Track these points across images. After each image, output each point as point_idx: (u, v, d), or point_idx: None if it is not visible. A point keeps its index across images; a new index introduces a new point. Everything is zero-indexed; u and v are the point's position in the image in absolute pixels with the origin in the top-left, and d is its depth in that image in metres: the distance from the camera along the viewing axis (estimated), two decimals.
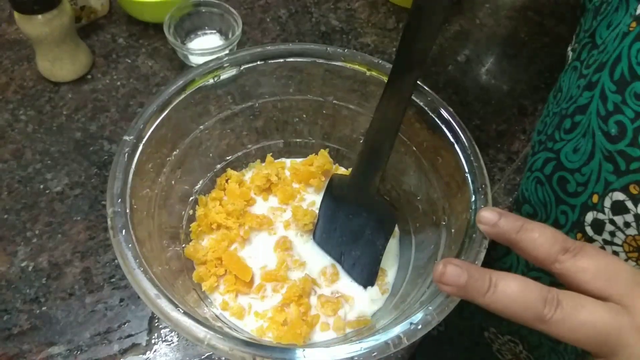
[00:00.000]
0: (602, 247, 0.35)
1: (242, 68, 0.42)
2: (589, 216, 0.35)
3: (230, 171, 0.48)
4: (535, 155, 0.42)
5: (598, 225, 0.34)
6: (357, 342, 0.30)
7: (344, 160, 0.51)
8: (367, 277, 0.43)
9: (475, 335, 0.56)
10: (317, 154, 0.50)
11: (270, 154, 0.50)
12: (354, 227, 0.43)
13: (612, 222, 0.33)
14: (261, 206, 0.47)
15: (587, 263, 0.29)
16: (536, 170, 0.41)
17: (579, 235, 0.36)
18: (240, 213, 0.45)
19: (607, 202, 0.33)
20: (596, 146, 0.34)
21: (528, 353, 0.49)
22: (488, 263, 0.47)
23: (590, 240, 0.35)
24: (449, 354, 0.63)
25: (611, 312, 0.28)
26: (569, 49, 0.45)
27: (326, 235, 0.45)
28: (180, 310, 0.30)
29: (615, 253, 0.34)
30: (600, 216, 0.34)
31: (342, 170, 0.50)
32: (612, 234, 0.34)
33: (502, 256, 0.46)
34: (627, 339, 0.27)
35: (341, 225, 0.44)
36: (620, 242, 0.34)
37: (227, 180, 0.48)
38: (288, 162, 0.50)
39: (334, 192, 0.44)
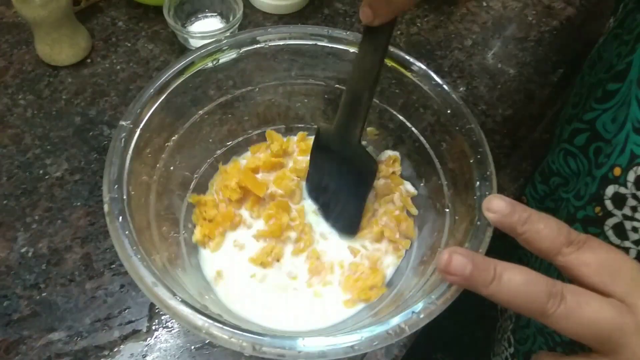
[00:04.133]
0: (621, 222, 0.34)
1: (241, 51, 0.42)
2: (610, 189, 0.34)
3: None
4: (563, 127, 0.41)
5: (619, 200, 0.34)
6: (358, 331, 0.29)
7: None
8: (349, 226, 0.44)
9: (485, 308, 0.55)
10: None
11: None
12: (339, 176, 0.43)
13: (634, 196, 0.32)
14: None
15: (591, 257, 0.29)
16: (563, 142, 0.40)
17: (598, 208, 0.35)
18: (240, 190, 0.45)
19: (631, 176, 0.32)
20: (628, 116, 0.33)
21: (511, 334, 0.49)
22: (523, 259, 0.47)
23: (609, 214, 0.35)
24: (451, 328, 0.63)
25: (615, 310, 0.27)
26: (611, 19, 0.44)
27: (314, 184, 0.45)
28: (178, 298, 0.29)
29: (635, 229, 0.33)
30: (622, 190, 0.33)
31: None
32: (634, 209, 0.33)
33: None
34: (629, 338, 0.27)
35: (328, 174, 0.44)
36: None
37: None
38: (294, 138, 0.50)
39: (321, 142, 0.44)
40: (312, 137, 0.45)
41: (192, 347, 0.42)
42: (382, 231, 0.44)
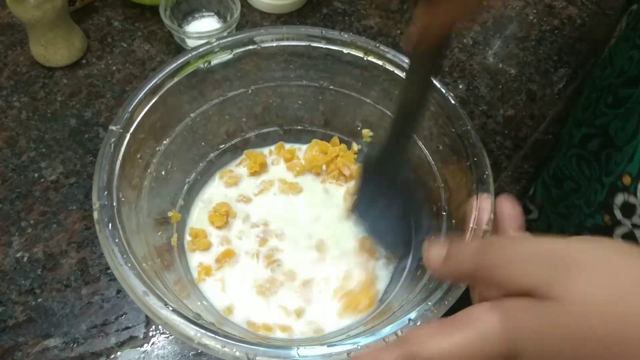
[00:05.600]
0: (630, 232, 0.33)
1: (237, 52, 0.41)
2: (619, 198, 0.33)
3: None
4: (572, 131, 0.40)
5: (628, 209, 0.33)
6: (354, 339, 0.29)
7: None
8: (399, 246, 0.42)
9: None
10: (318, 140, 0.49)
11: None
12: (385, 200, 0.42)
13: None
14: None
15: (496, 256, 0.24)
16: (573, 147, 0.40)
17: (607, 217, 0.34)
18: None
19: None
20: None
21: None
22: None
23: (618, 223, 0.34)
24: None
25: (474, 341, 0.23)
26: (623, 20, 0.43)
27: (363, 205, 0.43)
28: (170, 307, 0.29)
29: None
30: (632, 199, 0.32)
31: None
32: None
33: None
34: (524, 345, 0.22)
35: (375, 196, 0.42)
36: None
37: None
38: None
39: (368, 166, 0.42)
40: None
41: (190, 354, 0.42)
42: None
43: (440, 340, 0.23)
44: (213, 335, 0.28)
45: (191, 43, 0.56)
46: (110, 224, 0.32)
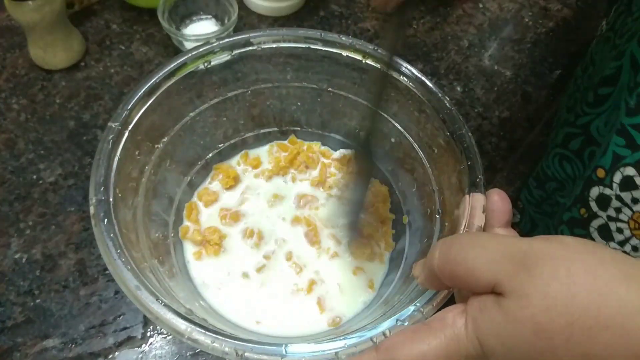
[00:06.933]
0: (606, 224, 0.34)
1: (234, 53, 0.41)
2: (594, 191, 0.34)
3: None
4: (557, 131, 0.41)
5: (603, 201, 0.33)
6: (342, 338, 0.29)
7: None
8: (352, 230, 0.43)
9: None
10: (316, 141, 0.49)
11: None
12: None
13: (618, 198, 0.32)
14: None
15: (461, 252, 0.24)
16: (557, 147, 0.40)
17: (583, 210, 0.35)
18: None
19: (617, 177, 0.32)
20: (617, 119, 0.33)
21: None
22: None
23: (594, 215, 0.34)
24: None
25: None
26: (604, 22, 0.44)
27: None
28: (161, 302, 0.29)
29: (619, 230, 0.33)
30: (607, 191, 0.33)
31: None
32: (618, 210, 0.33)
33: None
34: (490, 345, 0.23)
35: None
36: (626, 219, 0.33)
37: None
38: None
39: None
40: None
41: (188, 354, 0.42)
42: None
43: (415, 346, 0.24)
44: (203, 330, 0.28)
45: (189, 45, 0.56)
46: (105, 219, 0.32)
